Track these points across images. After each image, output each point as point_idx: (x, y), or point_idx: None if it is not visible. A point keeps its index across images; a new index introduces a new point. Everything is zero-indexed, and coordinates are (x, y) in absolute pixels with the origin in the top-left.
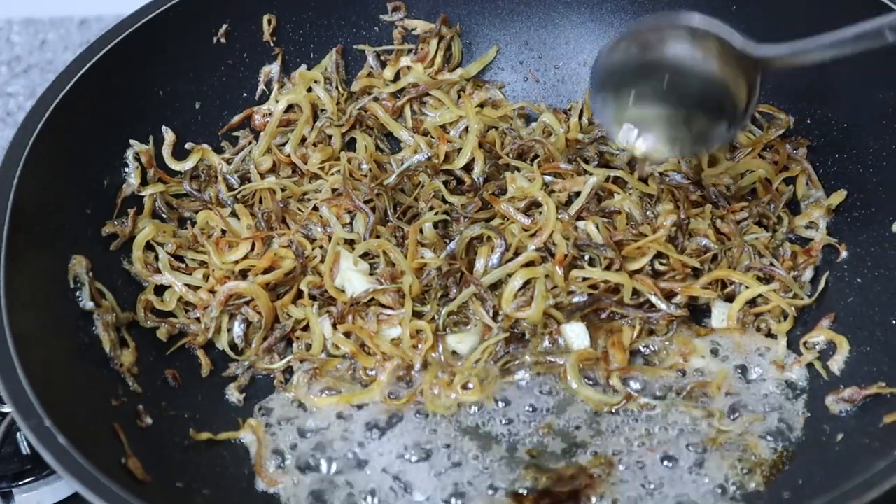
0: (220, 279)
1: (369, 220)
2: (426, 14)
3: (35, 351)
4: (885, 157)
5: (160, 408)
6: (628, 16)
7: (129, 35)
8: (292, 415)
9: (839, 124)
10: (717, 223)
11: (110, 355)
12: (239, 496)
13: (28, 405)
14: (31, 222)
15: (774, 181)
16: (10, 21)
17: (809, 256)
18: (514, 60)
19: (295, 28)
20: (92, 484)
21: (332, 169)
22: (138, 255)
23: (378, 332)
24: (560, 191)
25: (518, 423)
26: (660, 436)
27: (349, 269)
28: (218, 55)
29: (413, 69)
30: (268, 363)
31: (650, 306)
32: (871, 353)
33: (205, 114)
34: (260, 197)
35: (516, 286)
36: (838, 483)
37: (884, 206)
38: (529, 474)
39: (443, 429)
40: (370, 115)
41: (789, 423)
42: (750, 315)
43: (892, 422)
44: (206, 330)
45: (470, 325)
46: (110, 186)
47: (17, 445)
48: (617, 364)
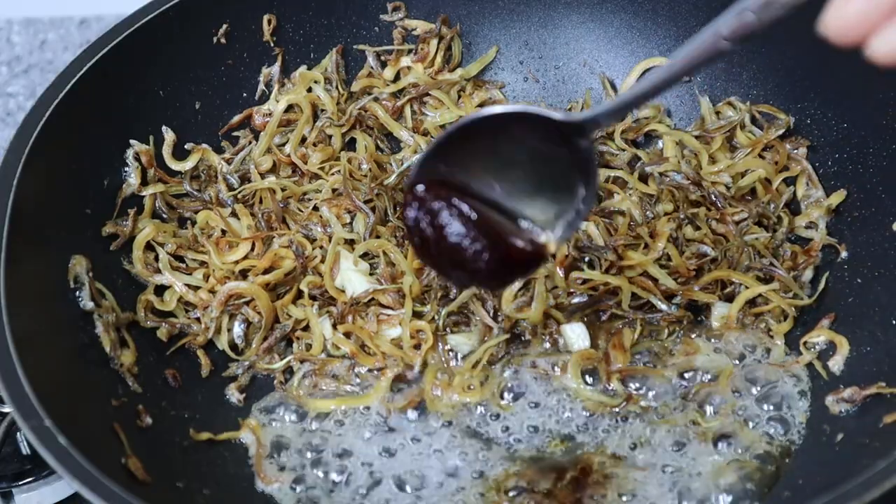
0: (220, 279)
1: (369, 220)
2: (426, 14)
3: (35, 351)
4: (885, 157)
5: (160, 408)
6: (628, 16)
7: (129, 35)
8: (292, 415)
9: (839, 124)
10: (714, 224)
11: (110, 355)
12: (239, 496)
13: (28, 405)
14: (31, 222)
15: (774, 181)
16: (10, 21)
17: (809, 256)
18: (514, 60)
19: (295, 28)
20: (92, 484)
21: (332, 169)
22: (138, 255)
23: (378, 332)
24: None
25: (519, 424)
26: (660, 436)
27: (349, 269)
28: (218, 55)
29: (413, 69)
30: (268, 363)
31: (650, 307)
32: (871, 353)
33: (205, 114)
34: (260, 197)
35: (516, 286)
36: (838, 483)
37: (884, 206)
38: (529, 475)
39: (443, 430)
40: (370, 115)
41: (789, 423)
42: (750, 315)
43: (892, 422)
44: (206, 330)
45: (470, 326)
46: (110, 186)
47: (17, 445)
48: (618, 365)
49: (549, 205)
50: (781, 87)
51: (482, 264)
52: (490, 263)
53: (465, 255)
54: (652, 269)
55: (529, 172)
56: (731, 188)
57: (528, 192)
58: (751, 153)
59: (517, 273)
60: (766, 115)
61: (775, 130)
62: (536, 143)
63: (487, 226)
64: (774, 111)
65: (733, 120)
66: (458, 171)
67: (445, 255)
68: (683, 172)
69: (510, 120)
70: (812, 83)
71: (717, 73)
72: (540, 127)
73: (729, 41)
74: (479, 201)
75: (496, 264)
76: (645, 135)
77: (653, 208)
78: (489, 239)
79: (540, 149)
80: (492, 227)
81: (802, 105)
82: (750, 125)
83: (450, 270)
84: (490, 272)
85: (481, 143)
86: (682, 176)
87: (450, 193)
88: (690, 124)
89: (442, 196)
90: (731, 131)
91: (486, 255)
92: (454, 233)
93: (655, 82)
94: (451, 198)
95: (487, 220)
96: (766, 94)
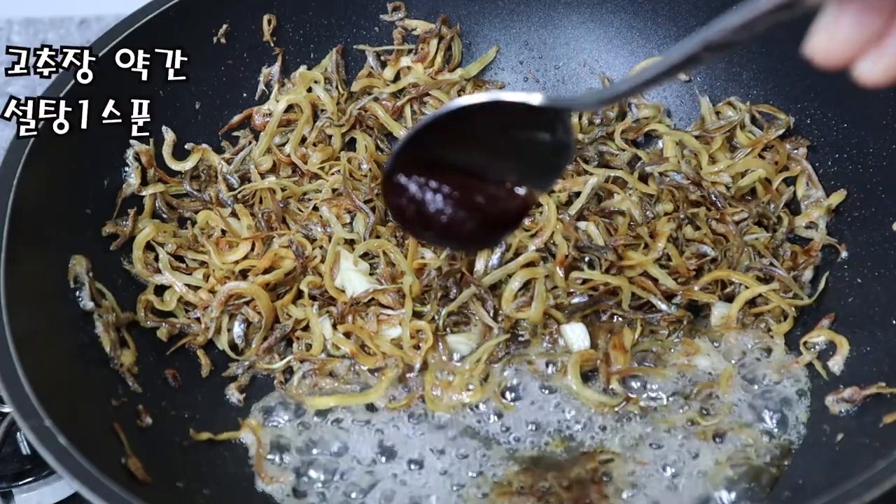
0: (220, 279)
1: (369, 220)
2: (426, 14)
3: (35, 351)
4: (885, 157)
5: (160, 408)
6: (628, 16)
7: (129, 35)
8: (292, 415)
9: (839, 124)
10: (714, 224)
11: (110, 355)
12: (239, 496)
13: (28, 405)
14: (31, 222)
15: (774, 181)
16: (10, 21)
17: (809, 256)
18: (514, 60)
19: (295, 28)
20: (92, 484)
21: (332, 169)
22: (138, 255)
23: (378, 332)
24: (560, 191)
25: (519, 423)
26: (660, 436)
27: (349, 269)
28: (218, 55)
29: (413, 69)
30: (268, 363)
31: (650, 307)
32: (871, 353)
33: (205, 114)
34: (260, 197)
35: (516, 286)
36: (838, 483)
37: (884, 206)
38: (530, 475)
39: (443, 430)
40: (370, 115)
41: (789, 423)
42: (750, 315)
43: (892, 422)
44: (206, 330)
45: (470, 326)
46: (110, 186)
47: (17, 445)
48: (618, 365)
49: (528, 167)
50: (781, 87)
51: (471, 226)
52: (478, 224)
53: (453, 222)
54: (652, 269)
55: (506, 143)
56: (731, 188)
57: (507, 159)
58: (751, 153)
59: (508, 228)
60: (766, 115)
61: (775, 130)
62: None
63: (469, 191)
64: (774, 111)
65: (733, 120)
66: (435, 151)
67: (435, 227)
68: (683, 172)
69: (483, 108)
70: (812, 83)
71: (717, 73)
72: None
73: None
74: (459, 173)
75: (484, 224)
76: (645, 135)
77: (653, 208)
78: (473, 203)
79: (516, 126)
80: (474, 192)
81: (802, 105)
82: (750, 125)
83: (442, 239)
84: (480, 232)
85: (457, 128)
86: (682, 176)
87: (428, 170)
88: (690, 124)
89: (420, 173)
90: (731, 131)
91: (472, 218)
92: (437, 205)
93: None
94: (429, 173)
95: (468, 187)
96: (766, 94)
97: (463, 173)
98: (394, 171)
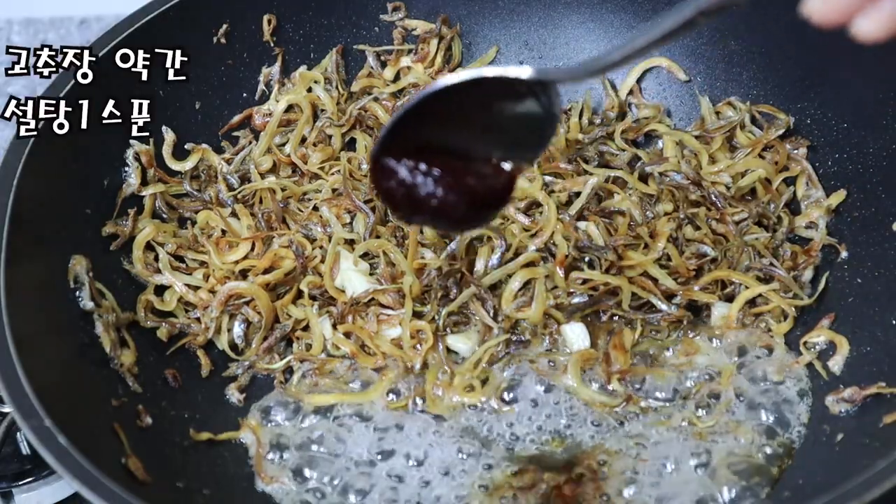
0: (220, 279)
1: (369, 220)
2: (426, 14)
3: (35, 351)
4: (885, 157)
5: (160, 408)
6: (628, 16)
7: (129, 35)
8: (292, 415)
9: (839, 124)
10: (714, 224)
11: (110, 355)
12: (239, 496)
13: (28, 405)
14: (31, 222)
15: (774, 181)
16: (10, 21)
17: (809, 256)
18: (514, 60)
19: (295, 28)
20: (92, 484)
21: (332, 169)
22: (138, 255)
23: (378, 332)
24: (560, 191)
25: (519, 423)
26: (660, 436)
27: (349, 269)
28: (218, 55)
29: (413, 69)
30: (268, 363)
31: (650, 307)
32: (871, 353)
33: (205, 114)
34: (260, 197)
35: (516, 286)
36: (838, 483)
37: (884, 206)
38: (530, 474)
39: (443, 430)
40: (370, 115)
41: (789, 423)
42: (750, 315)
43: (892, 422)
44: (206, 330)
45: (470, 326)
46: (110, 186)
47: (17, 445)
48: (618, 365)
49: (514, 141)
50: (781, 87)
51: (460, 206)
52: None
53: (442, 203)
54: (652, 269)
55: (493, 119)
56: (731, 188)
57: (494, 135)
58: (751, 153)
59: (497, 205)
60: (766, 115)
61: (775, 130)
62: (498, 99)
63: (457, 171)
64: (774, 111)
65: (733, 120)
66: (423, 132)
67: (425, 209)
68: (683, 172)
69: (469, 86)
70: (812, 83)
71: (717, 73)
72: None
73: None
74: (446, 152)
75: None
76: (645, 135)
77: (653, 208)
78: (462, 182)
79: (502, 101)
80: (462, 171)
81: (802, 105)
82: (750, 125)
83: (432, 220)
84: (469, 212)
85: (442, 108)
86: (682, 176)
87: (416, 152)
88: (690, 124)
89: (408, 155)
90: (731, 131)
91: (461, 197)
92: (427, 187)
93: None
94: (417, 155)
95: (456, 166)
96: (766, 94)
97: (450, 152)
98: (382, 154)
